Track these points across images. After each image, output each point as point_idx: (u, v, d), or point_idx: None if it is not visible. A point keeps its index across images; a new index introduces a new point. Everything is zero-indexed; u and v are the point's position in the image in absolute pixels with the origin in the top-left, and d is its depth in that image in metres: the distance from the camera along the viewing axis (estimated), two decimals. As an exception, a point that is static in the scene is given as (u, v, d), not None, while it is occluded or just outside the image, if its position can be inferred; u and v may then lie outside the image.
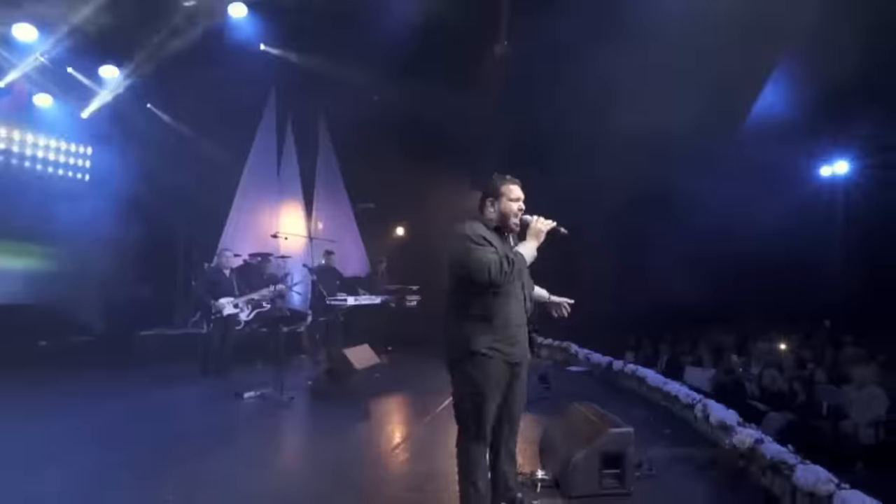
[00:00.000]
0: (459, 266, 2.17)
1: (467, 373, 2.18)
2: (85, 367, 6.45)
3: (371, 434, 3.84)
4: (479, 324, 2.16)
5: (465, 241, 2.17)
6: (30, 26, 6.19)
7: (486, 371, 2.16)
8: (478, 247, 2.15)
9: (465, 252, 2.14)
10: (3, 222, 7.46)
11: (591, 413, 2.97)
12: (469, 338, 2.16)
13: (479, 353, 2.16)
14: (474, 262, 2.11)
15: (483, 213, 2.31)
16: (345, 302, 6.40)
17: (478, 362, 2.16)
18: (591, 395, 5.04)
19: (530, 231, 2.27)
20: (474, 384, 2.17)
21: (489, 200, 2.30)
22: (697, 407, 3.78)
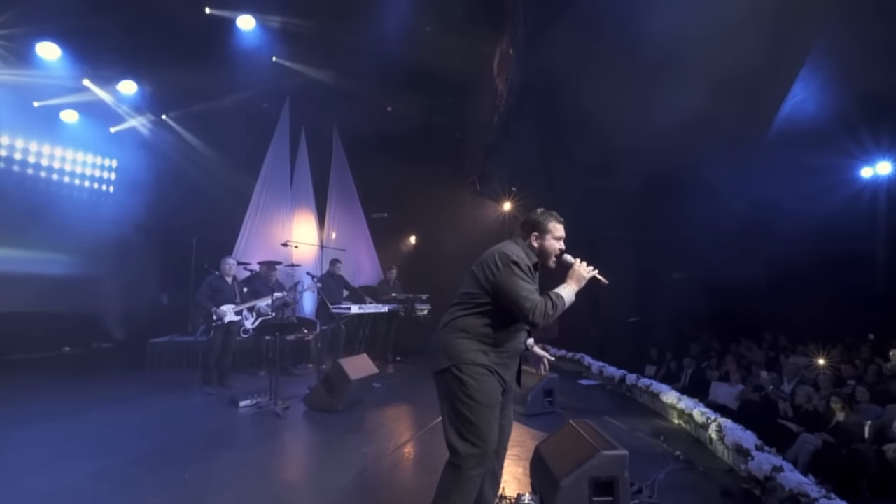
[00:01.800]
0: (501, 292, 2.08)
1: (468, 381, 2.06)
2: (100, 373, 6.58)
3: (360, 446, 3.66)
4: (485, 345, 2.11)
5: (515, 269, 2.09)
6: (52, 45, 6.43)
7: (485, 384, 2.08)
8: (527, 280, 2.10)
9: (513, 282, 2.07)
10: (30, 232, 7.77)
11: (585, 431, 2.70)
12: (471, 352, 2.09)
13: (478, 365, 2.08)
14: (522, 297, 2.05)
15: (526, 243, 2.26)
16: (348, 310, 6.29)
17: (477, 374, 2.08)
18: (601, 410, 4.75)
19: (573, 274, 2.20)
20: (474, 397, 2.05)
21: (534, 235, 2.25)
22: (712, 427, 3.42)
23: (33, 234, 7.78)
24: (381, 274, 9.23)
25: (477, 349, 2.09)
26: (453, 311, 2.18)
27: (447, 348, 2.11)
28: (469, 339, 2.10)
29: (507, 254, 2.13)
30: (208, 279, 5.64)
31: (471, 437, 2.03)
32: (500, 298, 2.09)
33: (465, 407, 2.05)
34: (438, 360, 2.12)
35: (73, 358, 7.97)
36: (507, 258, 2.11)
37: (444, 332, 2.16)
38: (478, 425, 2.04)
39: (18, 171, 7.98)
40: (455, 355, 2.09)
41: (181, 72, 7.47)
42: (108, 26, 6.40)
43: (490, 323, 2.11)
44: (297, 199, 9.31)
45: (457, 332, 2.12)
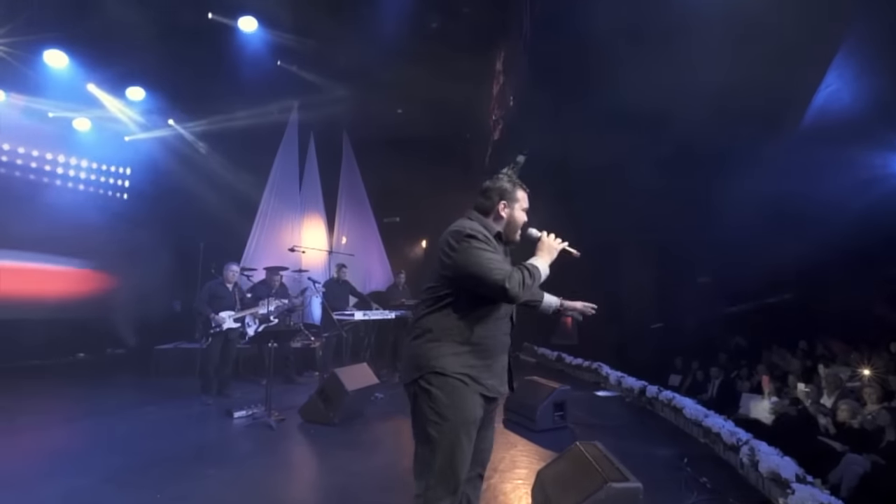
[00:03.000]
0: (464, 272, 1.75)
1: (435, 397, 1.73)
2: (106, 380, 6.52)
3: (350, 464, 3.40)
4: (458, 344, 1.76)
5: (472, 241, 1.77)
6: (59, 52, 6.47)
7: (457, 398, 1.73)
8: (490, 249, 1.78)
9: (474, 255, 1.74)
10: (47, 240, 7.85)
11: (593, 456, 2.37)
12: (441, 357, 1.75)
13: (448, 375, 1.73)
14: (489, 268, 1.72)
15: (487, 215, 1.95)
16: (351, 317, 6.06)
17: (447, 385, 1.73)
18: (618, 426, 4.37)
19: (543, 246, 1.93)
20: (442, 412, 1.72)
21: (503, 203, 1.95)
22: (743, 450, 3.02)
23: (50, 241, 7.86)
24: (392, 279, 9.02)
25: (449, 353, 1.75)
26: (417, 310, 1.88)
27: (414, 356, 1.80)
28: (438, 342, 1.76)
29: (459, 230, 1.81)
30: (208, 285, 5.50)
31: (438, 464, 1.70)
32: (464, 282, 1.76)
33: (432, 426, 1.72)
34: (406, 371, 1.82)
35: (86, 364, 8.01)
36: (460, 234, 1.79)
37: (409, 336, 1.85)
38: (447, 449, 1.70)
39: (34, 180, 8.08)
40: (423, 363, 1.76)
41: (188, 77, 7.48)
42: (113, 33, 6.39)
43: (460, 316, 1.77)
44: (306, 204, 9.22)
45: (423, 336, 1.80)
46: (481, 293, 1.75)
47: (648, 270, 8.81)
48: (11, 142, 7.58)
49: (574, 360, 7.11)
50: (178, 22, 6.58)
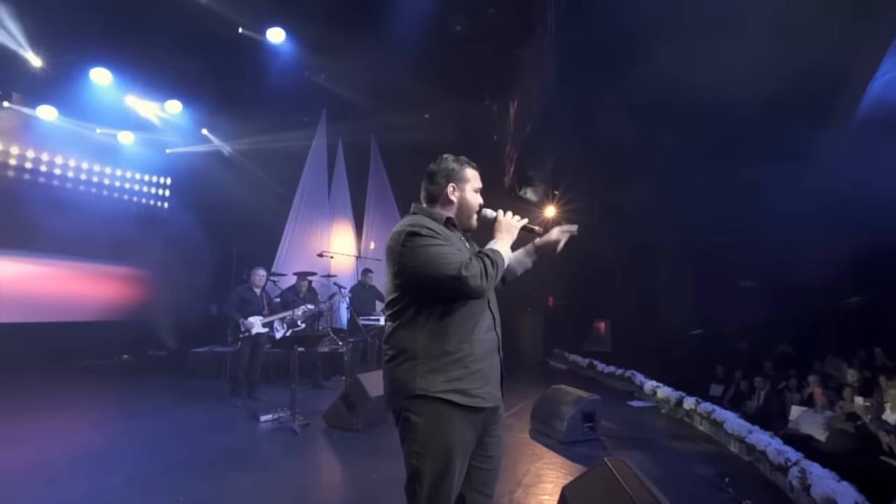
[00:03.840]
0: (411, 274, 1.57)
1: (417, 426, 1.54)
2: (144, 382, 6.77)
3: (371, 472, 3.34)
4: (437, 359, 1.55)
5: (415, 239, 1.56)
6: (104, 70, 6.82)
7: (442, 424, 1.53)
8: (437, 242, 1.57)
9: (421, 253, 1.54)
10: (94, 248, 8.28)
11: (622, 476, 2.20)
12: (417, 378, 1.54)
13: (433, 397, 1.53)
14: (440, 263, 1.52)
15: (435, 203, 1.76)
16: (377, 321, 6.05)
17: (429, 411, 1.53)
18: (652, 439, 4.12)
19: (501, 227, 1.71)
20: (426, 442, 1.53)
21: (451, 187, 1.74)
22: (793, 471, 2.75)
23: (97, 248, 8.29)
24: (420, 284, 9.00)
25: (427, 371, 1.54)
26: (386, 330, 1.67)
27: (391, 380, 1.61)
28: (413, 360, 1.55)
29: (400, 230, 1.60)
30: (237, 290, 5.62)
31: (424, 496, 1.52)
32: (420, 284, 1.56)
33: (414, 457, 1.54)
34: (387, 398, 1.64)
35: (128, 365, 8.36)
36: (401, 234, 1.59)
37: (384, 360, 1.65)
38: (432, 481, 1.51)
39: (84, 191, 8.55)
40: (400, 388, 1.57)
41: (221, 89, 7.74)
42: (151, 50, 6.69)
43: (430, 325, 1.56)
44: (335, 210, 9.34)
45: (397, 357, 1.59)
46: (442, 294, 1.55)
47: (687, 272, 8.40)
48: (63, 155, 8.07)
49: (606, 368, 6.82)
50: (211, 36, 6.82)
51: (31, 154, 7.64)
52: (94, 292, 8.51)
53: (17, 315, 7.20)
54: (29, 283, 7.47)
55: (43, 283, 7.69)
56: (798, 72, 5.21)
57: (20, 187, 7.47)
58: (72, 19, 5.81)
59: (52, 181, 8.02)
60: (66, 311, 7.97)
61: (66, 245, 7.81)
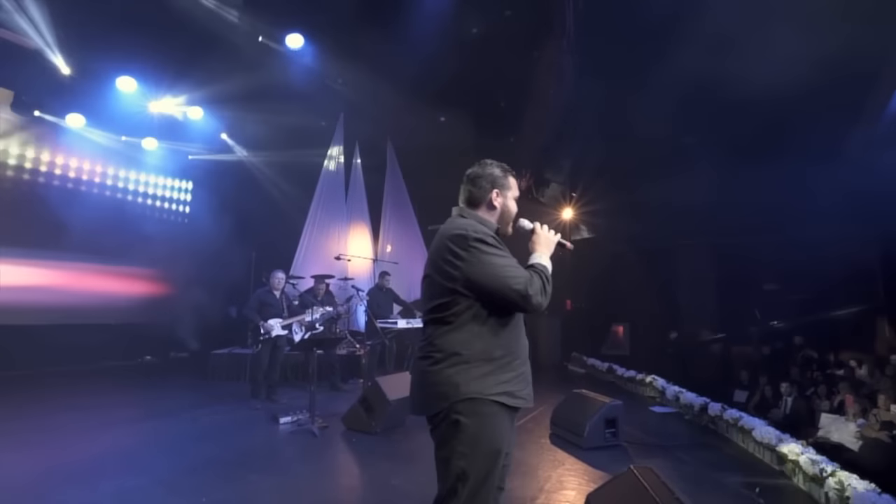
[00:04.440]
0: (478, 283, 1.58)
1: (468, 428, 1.54)
2: (165, 382, 6.89)
3: (390, 476, 3.33)
4: (489, 362, 1.58)
5: (482, 247, 1.58)
6: (130, 78, 7.01)
7: (492, 426, 1.56)
8: (502, 254, 1.61)
9: (488, 263, 1.57)
10: (118, 252, 8.48)
11: (649, 484, 2.14)
12: (471, 381, 1.56)
13: (484, 399, 1.56)
14: (508, 277, 1.56)
15: (478, 207, 1.76)
16: (395, 325, 6.05)
17: (481, 413, 1.55)
18: (676, 447, 4.02)
19: (540, 240, 1.75)
20: (477, 443, 1.54)
21: (495, 192, 1.76)
22: (829, 483, 2.64)
23: (118, 251, 8.48)
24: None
25: (481, 374, 1.56)
26: (429, 332, 1.65)
27: (436, 383, 1.58)
28: (466, 364, 1.57)
29: (463, 234, 1.60)
30: (257, 293, 5.68)
31: (468, 494, 1.53)
32: (480, 293, 1.58)
33: (462, 458, 1.53)
34: (426, 400, 1.61)
35: (151, 367, 8.51)
36: (466, 239, 1.59)
37: (424, 362, 1.63)
38: (477, 483, 1.53)
39: (109, 196, 8.78)
40: (450, 391, 1.56)
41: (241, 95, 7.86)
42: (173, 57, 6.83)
43: (483, 330, 1.59)
44: (351, 213, 9.39)
45: (445, 360, 1.58)
46: (502, 305, 1.59)
47: (708, 275, 8.22)
48: (91, 161, 8.31)
49: (626, 373, 6.70)
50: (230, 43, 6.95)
51: (61, 160, 7.88)
52: (119, 295, 8.70)
53: (44, 318, 7.40)
54: (55, 285, 7.67)
55: (68, 286, 7.89)
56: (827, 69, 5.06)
57: (49, 192, 7.70)
58: (99, 28, 5.97)
59: (80, 186, 8.25)
60: (91, 313, 8.15)
61: (91, 248, 8.02)
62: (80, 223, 7.69)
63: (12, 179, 7.31)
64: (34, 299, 7.38)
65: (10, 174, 7.28)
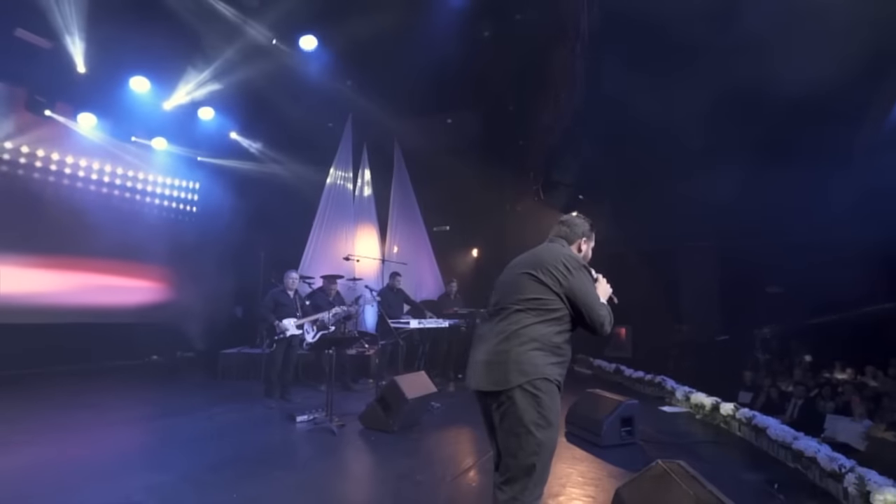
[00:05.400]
0: (577, 298, 1.97)
1: (543, 401, 1.88)
2: (176, 381, 6.92)
3: (414, 472, 3.38)
4: (555, 356, 1.97)
5: (586, 273, 2.05)
6: (143, 79, 7.04)
7: (557, 403, 1.95)
8: (593, 284, 2.07)
9: (589, 288, 2.01)
10: (125, 250, 8.48)
11: (679, 477, 2.21)
12: (546, 365, 1.93)
13: (552, 380, 1.93)
14: (599, 304, 2.00)
15: (572, 246, 2.21)
16: (407, 325, 6.10)
17: (552, 391, 1.92)
18: (689, 445, 4.10)
19: (600, 289, 2.13)
20: (549, 418, 1.89)
21: (584, 238, 2.23)
22: (848, 478, 2.71)
23: (126, 250, 8.48)
24: (442, 288, 9.03)
25: (550, 362, 1.93)
26: (517, 318, 1.96)
27: (520, 361, 1.90)
28: (542, 351, 1.92)
29: (575, 257, 2.06)
30: (271, 292, 5.72)
31: (539, 465, 1.86)
32: (573, 304, 1.98)
33: (539, 430, 1.86)
34: (505, 376, 1.89)
35: (158, 366, 8.52)
36: (577, 262, 2.02)
37: (508, 342, 1.94)
38: (548, 452, 1.89)
39: (118, 195, 8.78)
40: (531, 370, 1.89)
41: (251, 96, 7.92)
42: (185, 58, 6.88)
43: (561, 331, 1.97)
44: (359, 214, 9.44)
45: (529, 343, 1.92)
46: (581, 318, 1.97)
47: (712, 277, 8.30)
48: (100, 161, 8.32)
49: (634, 374, 6.77)
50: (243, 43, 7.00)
51: (70, 160, 7.89)
52: (126, 294, 8.70)
53: (50, 317, 7.40)
54: (61, 285, 7.65)
55: (74, 285, 7.88)
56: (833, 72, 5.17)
57: (58, 192, 7.71)
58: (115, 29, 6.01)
59: (89, 186, 8.25)
60: (98, 312, 8.14)
61: (97, 248, 8.00)
62: (88, 223, 7.70)
63: (22, 178, 7.32)
64: (40, 299, 7.37)
65: (20, 173, 7.29)
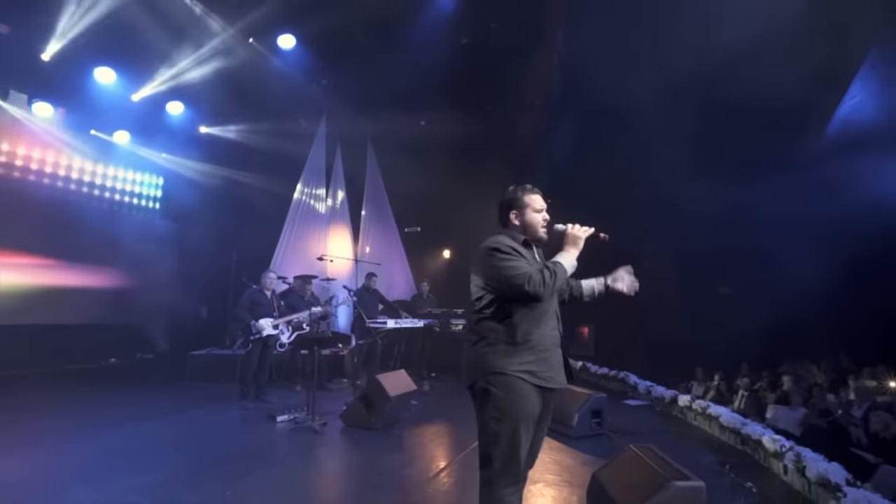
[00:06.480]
0: (491, 282, 1.98)
1: (497, 397, 1.91)
2: (142, 384, 6.70)
3: (402, 467, 3.52)
4: (511, 345, 1.94)
5: (495, 254, 1.97)
6: (108, 69, 6.77)
7: (516, 396, 1.90)
8: (510, 258, 1.96)
9: (498, 265, 1.95)
10: (79, 247, 8.09)
11: (651, 459, 2.48)
12: (497, 359, 1.93)
13: (508, 374, 1.91)
14: (510, 274, 1.92)
15: (506, 227, 2.16)
16: (384, 325, 6.20)
17: (507, 385, 1.91)
18: (651, 434, 4.45)
19: (567, 239, 2.09)
20: (504, 410, 1.90)
21: (513, 213, 2.15)
22: (788, 456, 3.10)
23: (81, 248, 8.10)
24: (414, 288, 9.16)
25: (504, 355, 1.93)
26: (471, 318, 2.07)
27: (473, 360, 1.98)
28: (492, 345, 1.95)
29: (486, 245, 2.03)
30: (248, 292, 5.67)
31: (501, 456, 1.90)
32: (495, 289, 1.98)
33: (494, 422, 1.91)
34: (467, 374, 2.01)
35: (118, 369, 8.19)
36: (486, 248, 2.01)
37: (466, 344, 2.05)
38: (507, 442, 1.89)
39: (74, 190, 8.35)
40: (482, 367, 1.95)
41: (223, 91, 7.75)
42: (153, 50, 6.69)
43: (506, 319, 1.96)
44: (332, 214, 9.41)
45: (479, 342, 1.99)
46: (512, 298, 1.94)
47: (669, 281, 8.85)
48: (55, 153, 7.89)
49: (599, 370, 7.18)
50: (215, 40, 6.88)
51: (22, 151, 7.46)
52: (81, 294, 8.29)
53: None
54: (7, 284, 7.20)
55: (23, 285, 7.42)
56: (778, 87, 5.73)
57: (10, 185, 7.28)
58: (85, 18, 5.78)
59: (43, 179, 7.82)
60: (50, 312, 7.72)
61: (51, 244, 7.62)
62: (39, 219, 7.32)
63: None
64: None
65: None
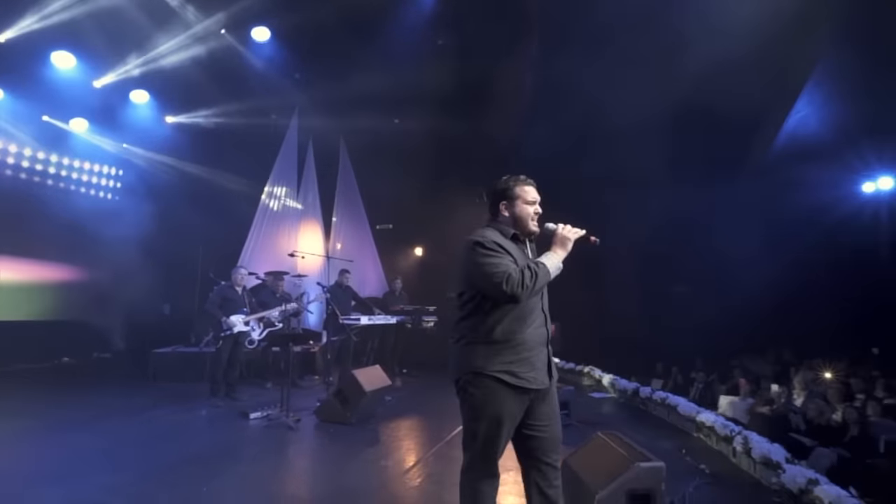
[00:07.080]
0: (469, 278, 1.93)
1: (474, 396, 1.89)
2: (101, 384, 6.45)
3: (378, 459, 3.60)
4: (490, 345, 1.88)
5: (477, 249, 1.89)
6: (68, 54, 6.45)
7: (492, 397, 1.86)
8: (492, 254, 1.88)
9: (478, 261, 1.87)
10: (30, 240, 7.66)
11: (616, 444, 2.67)
12: (477, 358, 1.89)
13: (488, 375, 1.87)
14: (489, 273, 1.84)
15: (496, 219, 2.06)
16: (357, 321, 6.23)
17: (484, 385, 1.87)
18: (616, 423, 4.71)
19: (556, 239, 1.99)
20: (481, 410, 1.88)
21: (503, 204, 2.04)
22: (737, 440, 3.40)
23: (33, 242, 7.68)
24: (385, 285, 9.19)
25: (484, 354, 1.88)
26: (456, 318, 2.02)
27: (456, 358, 1.97)
28: (473, 344, 1.91)
29: (470, 239, 1.95)
30: (218, 288, 5.57)
31: (474, 450, 1.92)
32: (476, 287, 1.92)
33: (471, 421, 1.92)
34: (451, 371, 2.00)
35: (72, 368, 7.82)
36: (470, 243, 1.93)
37: (451, 341, 2.02)
38: (483, 440, 1.89)
39: (25, 179, 7.88)
40: (462, 365, 1.93)
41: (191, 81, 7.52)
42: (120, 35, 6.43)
43: (488, 318, 1.89)
44: (303, 210, 9.30)
45: (461, 339, 1.96)
46: (490, 296, 1.87)
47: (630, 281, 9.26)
48: (4, 140, 7.43)
49: (566, 365, 7.47)
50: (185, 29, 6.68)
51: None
52: (28, 289, 7.85)
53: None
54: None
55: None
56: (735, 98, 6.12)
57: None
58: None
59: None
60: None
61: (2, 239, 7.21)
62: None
63: None
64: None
65: None
